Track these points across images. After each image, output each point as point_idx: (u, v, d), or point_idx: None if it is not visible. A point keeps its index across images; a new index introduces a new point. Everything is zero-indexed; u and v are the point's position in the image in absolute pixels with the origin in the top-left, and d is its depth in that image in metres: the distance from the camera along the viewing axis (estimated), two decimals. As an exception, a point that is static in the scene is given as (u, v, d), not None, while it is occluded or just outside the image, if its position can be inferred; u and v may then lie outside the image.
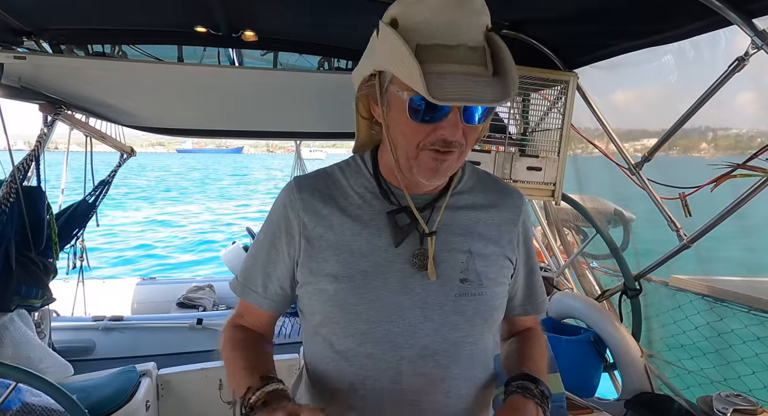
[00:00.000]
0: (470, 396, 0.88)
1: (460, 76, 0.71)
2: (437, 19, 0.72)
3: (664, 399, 1.97)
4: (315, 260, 0.86)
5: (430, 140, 0.76)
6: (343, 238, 0.85)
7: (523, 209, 0.94)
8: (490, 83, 0.72)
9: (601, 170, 2.55)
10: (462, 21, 0.73)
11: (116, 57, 2.29)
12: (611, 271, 2.60)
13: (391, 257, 0.84)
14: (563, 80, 2.02)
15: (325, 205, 0.87)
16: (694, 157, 2.18)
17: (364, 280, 0.83)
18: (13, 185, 2.03)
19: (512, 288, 0.95)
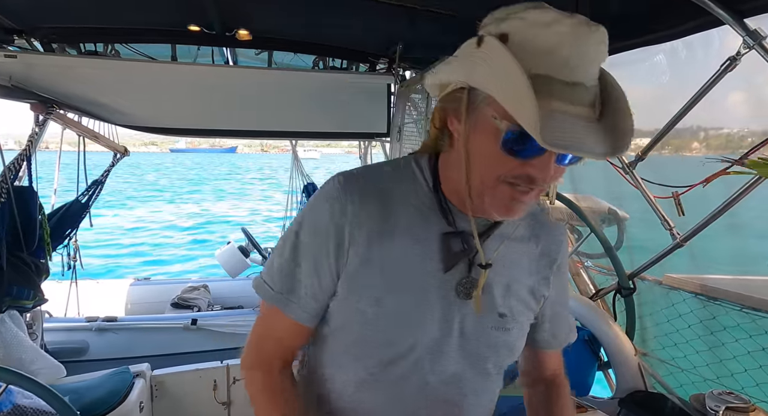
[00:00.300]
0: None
1: (570, 118, 0.64)
2: (563, 52, 0.63)
3: (658, 398, 1.98)
4: (359, 275, 0.78)
5: (514, 174, 0.69)
6: (392, 254, 0.78)
7: (564, 244, 0.92)
8: (598, 129, 0.65)
9: (596, 170, 2.57)
10: (588, 57, 0.64)
11: (109, 56, 2.28)
12: (605, 270, 2.61)
13: (438, 283, 0.79)
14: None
15: (379, 214, 0.78)
16: (686, 156, 2.20)
17: (408, 307, 0.78)
18: (4, 185, 2.01)
19: (539, 319, 0.93)
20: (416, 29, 1.85)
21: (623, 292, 2.22)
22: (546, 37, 0.63)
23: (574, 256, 2.70)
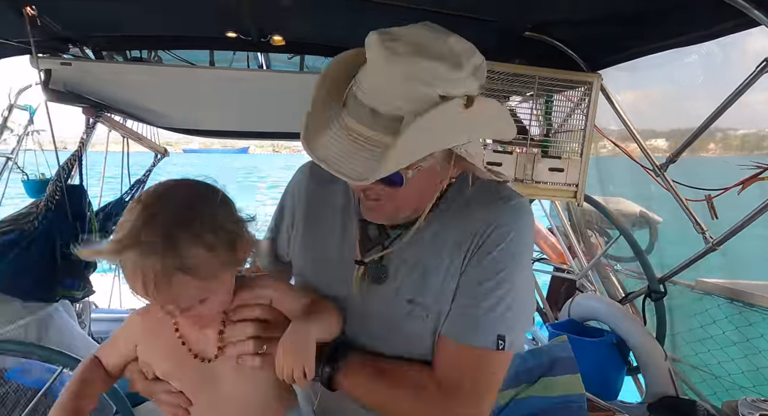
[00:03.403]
0: None
1: (350, 135, 0.70)
2: (366, 69, 0.71)
3: (688, 404, 1.95)
4: (295, 245, 0.97)
5: (353, 188, 0.82)
6: (323, 236, 0.93)
7: (494, 219, 0.82)
8: (371, 156, 0.68)
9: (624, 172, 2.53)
10: (378, 83, 0.69)
11: (152, 62, 2.41)
12: (636, 274, 2.57)
13: (352, 266, 0.87)
14: (587, 81, 2.02)
15: (322, 197, 0.94)
16: (702, 157, 2.15)
17: (326, 281, 0.91)
18: (58, 184, 2.17)
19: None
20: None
21: (653, 296, 2.19)
22: (366, 53, 0.70)
23: (603, 259, 2.67)
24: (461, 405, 0.80)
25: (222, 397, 0.82)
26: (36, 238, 2.11)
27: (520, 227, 0.83)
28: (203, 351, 0.81)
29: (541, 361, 1.87)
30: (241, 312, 0.81)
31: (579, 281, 2.82)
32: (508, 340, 0.80)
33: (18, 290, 2.01)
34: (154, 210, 0.68)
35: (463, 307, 0.82)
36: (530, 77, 1.97)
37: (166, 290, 0.67)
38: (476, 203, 0.85)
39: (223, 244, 0.70)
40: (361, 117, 0.70)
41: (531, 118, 2.12)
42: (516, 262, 0.82)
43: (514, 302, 0.81)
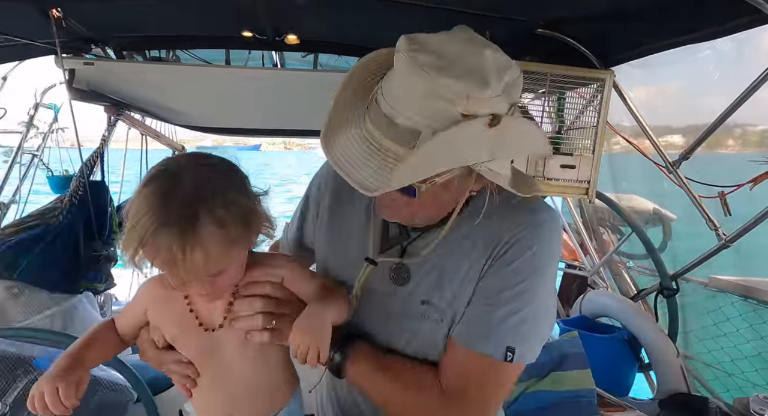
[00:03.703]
0: None
1: (367, 142, 0.68)
2: (388, 82, 0.68)
3: (700, 401, 1.94)
4: (320, 236, 0.98)
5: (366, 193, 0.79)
6: (347, 230, 0.93)
7: (520, 229, 0.79)
8: (384, 166, 0.66)
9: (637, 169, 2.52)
10: (398, 93, 0.66)
11: (171, 61, 2.47)
12: (648, 271, 2.56)
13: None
14: (599, 78, 2.02)
15: (347, 192, 0.93)
16: (720, 153, 2.13)
17: (346, 275, 0.91)
18: (81, 180, 2.24)
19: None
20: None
21: (666, 293, 2.19)
22: (394, 63, 0.67)
23: (615, 256, 2.67)
24: (464, 411, 0.79)
25: (227, 368, 0.83)
26: (60, 232, 2.19)
27: (545, 241, 0.80)
28: (210, 320, 0.81)
29: (551, 356, 1.89)
30: (252, 288, 0.82)
31: (591, 278, 2.82)
32: (518, 352, 0.77)
33: (44, 282, 2.10)
34: (168, 187, 0.68)
35: (477, 313, 0.80)
36: (542, 74, 1.98)
37: (180, 266, 0.67)
38: (502, 212, 0.81)
39: (237, 219, 0.70)
40: (380, 124, 0.67)
41: (543, 115, 2.12)
42: (538, 275, 0.79)
43: (531, 314, 0.79)
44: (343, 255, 0.93)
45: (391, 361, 0.85)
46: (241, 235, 0.72)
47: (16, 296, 2.02)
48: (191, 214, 0.66)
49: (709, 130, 1.82)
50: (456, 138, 0.63)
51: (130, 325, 0.86)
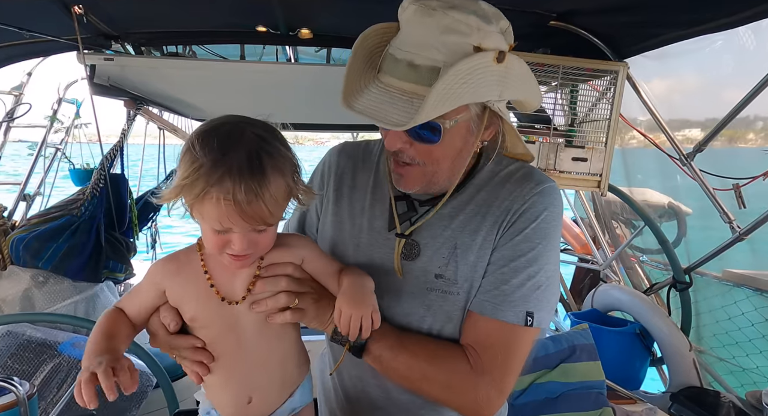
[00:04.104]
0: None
1: (388, 91, 0.75)
2: (401, 32, 0.75)
3: (711, 394, 1.94)
4: (325, 221, 0.98)
5: (386, 146, 0.82)
6: (352, 211, 0.94)
7: (527, 198, 0.84)
8: (410, 106, 0.72)
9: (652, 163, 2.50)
10: (412, 36, 0.73)
11: (187, 56, 2.52)
12: (661, 265, 2.55)
13: (382, 241, 0.90)
14: (613, 70, 2.00)
15: (352, 175, 0.97)
16: (740, 147, 2.10)
17: (355, 254, 0.92)
18: (102, 173, 2.31)
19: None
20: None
21: (678, 286, 2.18)
22: (400, 18, 0.75)
23: (627, 250, 2.65)
24: (490, 380, 0.81)
25: (246, 345, 0.82)
26: (82, 223, 2.27)
27: (552, 206, 0.85)
28: (231, 293, 0.80)
29: (561, 347, 1.90)
30: (275, 268, 0.81)
31: (603, 271, 2.80)
32: (536, 317, 0.81)
33: (67, 271, 2.18)
34: (226, 137, 0.69)
35: (494, 283, 0.83)
36: (555, 67, 1.98)
37: (239, 213, 0.67)
38: (509, 184, 0.87)
39: (290, 172, 0.73)
40: (399, 72, 0.74)
41: (555, 107, 2.12)
42: (548, 241, 0.84)
43: (545, 278, 0.83)
44: (351, 238, 0.94)
45: (411, 336, 0.86)
46: (292, 188, 0.74)
47: (42, 284, 2.10)
48: (258, 160, 0.68)
49: (723, 122, 1.80)
50: (471, 71, 0.70)
51: (144, 307, 0.82)
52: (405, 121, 0.71)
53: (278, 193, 0.71)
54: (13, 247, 2.16)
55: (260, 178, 0.68)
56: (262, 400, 0.85)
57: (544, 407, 1.79)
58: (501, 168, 0.91)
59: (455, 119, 0.75)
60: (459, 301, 0.85)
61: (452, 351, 0.85)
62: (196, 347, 0.80)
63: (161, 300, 0.82)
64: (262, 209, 0.69)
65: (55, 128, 2.76)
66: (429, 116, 0.70)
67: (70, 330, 2.02)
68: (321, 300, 0.83)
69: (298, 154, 0.78)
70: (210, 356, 0.81)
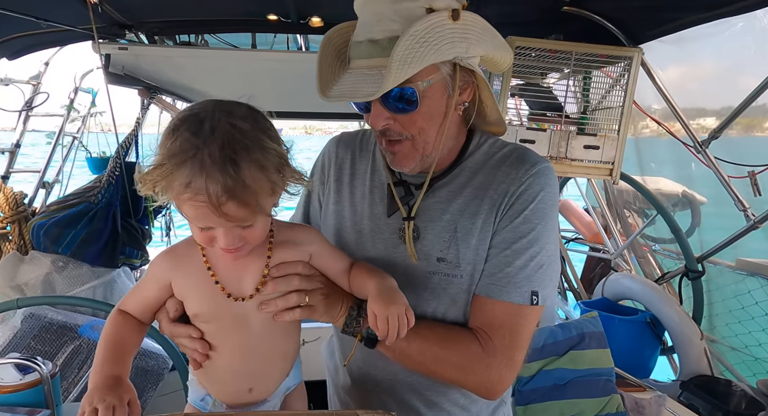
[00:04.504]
0: None
1: (357, 72, 0.79)
2: (359, 16, 0.80)
3: (722, 382, 1.93)
4: (327, 210, 1.00)
5: (372, 126, 0.84)
6: (353, 199, 0.96)
7: (524, 180, 0.85)
8: (378, 78, 0.75)
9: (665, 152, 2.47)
10: (367, 16, 0.78)
11: (200, 45, 2.54)
12: (674, 254, 2.52)
13: (383, 226, 0.92)
14: (627, 56, 1.97)
15: (351, 164, 1.00)
16: (757, 136, 2.06)
17: (353, 246, 0.94)
18: (118, 161, 2.36)
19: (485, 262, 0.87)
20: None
21: (691, 275, 2.16)
22: (355, 7, 0.79)
23: (639, 239, 2.63)
24: (502, 359, 0.83)
25: (251, 339, 0.81)
26: (99, 210, 2.32)
27: (549, 187, 0.86)
28: (239, 290, 0.78)
29: (570, 335, 1.90)
30: (285, 268, 0.80)
31: (614, 260, 2.79)
32: (541, 295, 0.84)
33: (86, 256, 2.24)
34: (202, 129, 0.64)
35: (499, 266, 0.85)
36: (567, 53, 1.95)
37: (216, 211, 0.63)
38: (505, 166, 0.88)
39: (272, 164, 0.68)
40: (362, 52, 0.78)
41: (567, 94, 2.10)
42: (546, 221, 0.85)
43: (546, 257, 0.85)
44: (353, 224, 0.95)
45: (421, 322, 0.84)
46: (276, 181, 0.69)
47: (62, 269, 2.17)
48: (231, 156, 0.63)
49: (739, 109, 1.77)
50: (428, 31, 0.73)
51: (146, 304, 0.81)
52: (375, 90, 0.73)
53: (258, 189, 0.65)
54: (34, 233, 2.22)
55: (234, 175, 0.62)
56: (262, 388, 0.86)
57: (552, 393, 1.80)
58: (495, 150, 0.92)
59: (428, 80, 0.78)
60: (463, 284, 0.87)
61: (462, 334, 0.86)
62: (193, 336, 0.79)
63: (166, 294, 0.80)
64: (239, 208, 0.64)
65: (71, 117, 2.81)
66: (397, 80, 0.72)
67: (90, 313, 2.08)
68: (330, 296, 0.84)
69: (308, 144, 0.78)
70: (206, 346, 0.79)
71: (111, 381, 0.70)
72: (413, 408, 0.94)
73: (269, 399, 0.87)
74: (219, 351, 0.81)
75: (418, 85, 0.77)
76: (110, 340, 0.77)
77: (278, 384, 0.87)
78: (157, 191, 0.66)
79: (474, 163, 0.91)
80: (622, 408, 1.75)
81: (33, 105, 2.58)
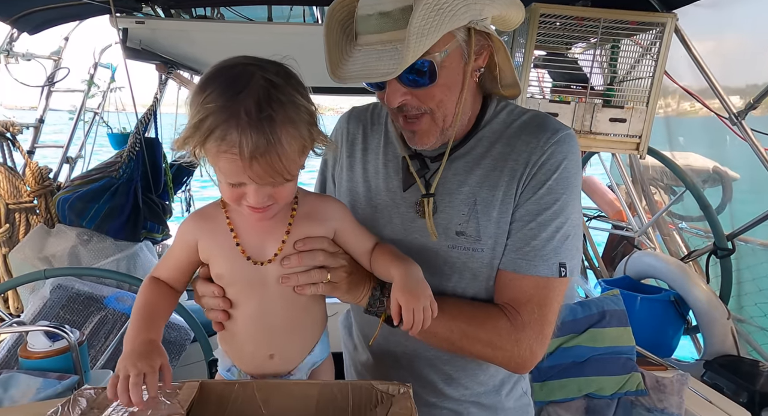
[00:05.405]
0: None
1: (368, 49, 0.74)
2: None
3: (748, 362, 1.88)
4: (341, 187, 0.98)
5: (388, 104, 0.79)
6: (366, 174, 0.94)
7: (546, 149, 0.82)
8: (394, 54, 0.70)
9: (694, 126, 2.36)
10: None
11: (216, 19, 2.52)
12: (702, 232, 2.44)
13: (399, 200, 0.89)
14: (659, 22, 1.87)
15: (363, 138, 0.97)
16: None
17: (370, 221, 0.91)
18: (138, 136, 2.38)
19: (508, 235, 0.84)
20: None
21: (720, 253, 2.09)
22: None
23: (666, 217, 2.55)
24: (531, 333, 0.81)
25: (270, 304, 0.81)
26: (121, 185, 2.36)
27: (572, 154, 0.83)
28: (259, 253, 0.78)
29: (590, 313, 1.87)
30: (311, 242, 0.79)
31: (638, 239, 2.72)
32: (569, 266, 0.82)
33: (109, 230, 2.29)
34: (237, 83, 0.64)
35: (524, 240, 0.82)
36: (595, 21, 1.86)
37: (249, 165, 0.63)
38: (525, 134, 0.84)
39: (304, 122, 0.67)
40: (372, 26, 0.73)
41: (593, 65, 2.01)
42: (571, 190, 0.82)
43: (572, 228, 0.82)
44: (368, 200, 0.93)
45: (446, 299, 0.83)
46: (306, 139, 0.68)
47: (86, 242, 2.22)
48: (267, 112, 0.62)
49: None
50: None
51: (179, 268, 0.81)
52: (393, 69, 0.69)
53: (290, 147, 0.65)
54: (59, 207, 2.28)
55: (269, 132, 0.62)
56: (283, 358, 0.85)
57: (571, 370, 1.79)
58: (514, 118, 0.88)
59: (444, 51, 0.73)
60: (484, 258, 0.84)
61: (489, 310, 0.84)
62: (215, 294, 0.79)
63: (194, 256, 0.80)
64: (271, 164, 0.64)
65: (91, 93, 2.84)
66: (416, 55, 0.68)
67: (114, 285, 2.14)
68: (354, 274, 0.82)
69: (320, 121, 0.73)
70: (227, 303, 0.80)
71: (144, 347, 0.71)
72: (431, 383, 0.94)
73: (294, 372, 0.86)
74: (239, 315, 0.81)
75: (436, 57, 0.73)
76: (142, 306, 0.78)
77: (302, 355, 0.86)
78: (190, 145, 0.66)
79: (492, 132, 0.87)
80: (643, 387, 1.72)
81: (54, 80, 2.61)
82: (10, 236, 2.20)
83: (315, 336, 0.88)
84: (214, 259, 0.79)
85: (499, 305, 0.84)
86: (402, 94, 0.76)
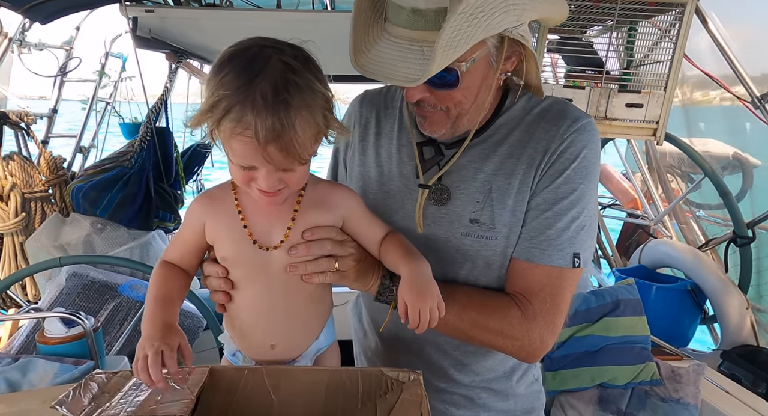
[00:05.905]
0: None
1: (396, 43, 0.70)
2: None
3: (767, 352, 1.84)
4: (353, 172, 0.96)
5: (408, 100, 0.78)
6: (379, 159, 0.92)
7: (565, 137, 0.80)
8: (420, 57, 0.67)
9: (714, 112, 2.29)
10: None
11: (225, 7, 2.50)
12: (720, 220, 2.38)
13: (412, 186, 0.88)
14: (679, 3, 1.80)
15: (376, 122, 0.95)
16: None
17: (382, 208, 0.89)
18: (149, 126, 2.39)
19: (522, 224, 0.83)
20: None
21: (739, 241, 2.03)
22: None
23: (683, 205, 2.49)
24: (542, 323, 0.80)
25: (274, 290, 0.80)
26: (133, 174, 2.38)
27: (592, 144, 0.81)
28: (265, 239, 0.77)
29: (604, 302, 1.84)
30: (319, 231, 0.78)
31: (654, 227, 2.66)
32: (583, 257, 0.81)
33: (122, 219, 2.31)
34: (253, 66, 0.63)
35: (539, 229, 0.81)
36: (612, 2, 1.80)
37: (263, 148, 0.63)
38: (544, 122, 0.83)
39: (319, 108, 0.66)
40: (403, 20, 0.69)
41: (609, 49, 1.95)
42: (589, 180, 0.81)
43: (588, 218, 0.81)
44: (380, 186, 0.92)
45: (457, 287, 0.83)
46: (321, 125, 0.68)
47: (100, 231, 2.25)
48: (283, 95, 0.62)
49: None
50: (479, 6, 0.64)
51: (189, 251, 0.81)
52: (417, 75, 0.66)
53: (304, 132, 0.64)
54: (73, 196, 2.31)
55: (284, 116, 0.62)
56: (285, 346, 0.84)
57: (584, 359, 1.77)
58: (533, 105, 0.86)
59: (472, 59, 0.71)
60: (498, 246, 0.83)
61: (500, 299, 0.83)
62: (219, 274, 0.79)
63: (202, 237, 0.80)
64: (284, 148, 0.63)
65: (102, 83, 2.86)
66: (441, 66, 0.65)
67: (128, 273, 2.17)
68: (362, 262, 0.81)
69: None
70: (229, 284, 0.79)
71: (160, 329, 0.71)
72: (441, 369, 0.93)
73: (299, 360, 0.86)
74: (241, 298, 0.81)
75: (461, 65, 0.70)
76: (155, 289, 0.78)
77: (304, 346, 0.86)
78: (206, 124, 0.66)
79: (510, 119, 0.85)
80: (658, 376, 1.70)
81: (66, 70, 2.63)
82: (27, 225, 2.24)
83: (319, 326, 0.87)
84: (220, 241, 0.79)
85: (511, 294, 0.84)
86: (421, 92, 0.75)
